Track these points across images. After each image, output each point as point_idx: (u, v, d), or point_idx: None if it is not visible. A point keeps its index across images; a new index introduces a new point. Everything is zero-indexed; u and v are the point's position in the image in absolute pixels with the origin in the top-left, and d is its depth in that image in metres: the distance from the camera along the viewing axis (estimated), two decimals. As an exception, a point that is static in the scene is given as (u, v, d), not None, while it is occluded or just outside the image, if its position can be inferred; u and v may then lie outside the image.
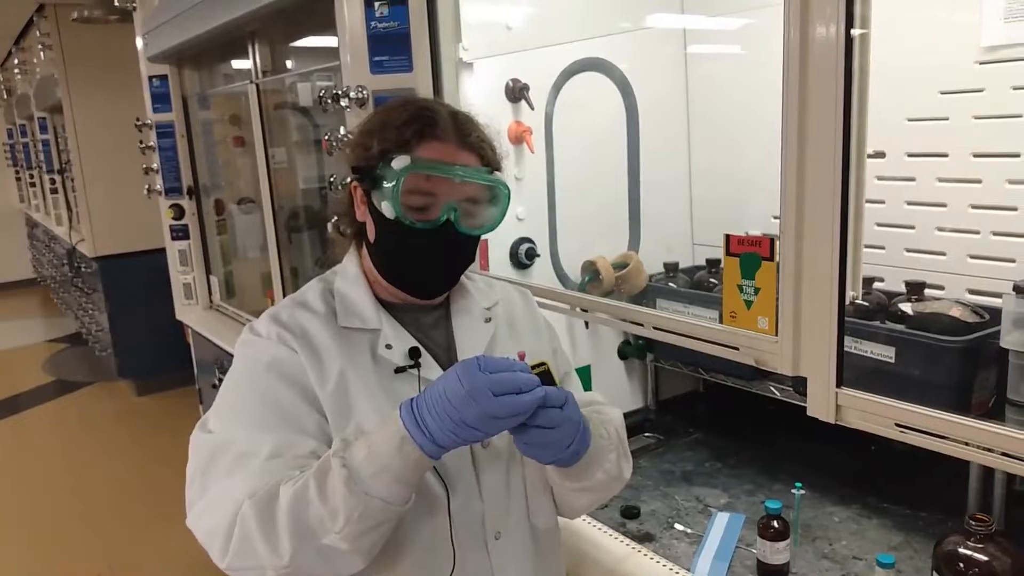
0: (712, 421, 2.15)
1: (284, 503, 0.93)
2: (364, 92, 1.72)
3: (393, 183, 1.05)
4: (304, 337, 1.08)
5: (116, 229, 5.16)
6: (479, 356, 0.92)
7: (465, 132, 1.11)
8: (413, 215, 1.07)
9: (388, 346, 1.10)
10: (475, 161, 1.11)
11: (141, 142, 3.39)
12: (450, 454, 0.96)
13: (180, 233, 3.45)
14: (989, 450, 0.93)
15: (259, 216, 3.09)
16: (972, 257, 1.62)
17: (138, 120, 3.37)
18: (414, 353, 1.10)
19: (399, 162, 1.05)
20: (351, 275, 1.17)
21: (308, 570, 0.96)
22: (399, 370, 1.09)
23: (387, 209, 1.07)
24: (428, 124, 1.09)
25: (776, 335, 1.14)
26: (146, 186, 3.43)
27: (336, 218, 1.25)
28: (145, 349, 5.27)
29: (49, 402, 5.63)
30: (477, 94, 1.85)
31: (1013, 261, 1.55)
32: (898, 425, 1.01)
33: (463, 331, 1.18)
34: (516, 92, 1.89)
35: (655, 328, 1.39)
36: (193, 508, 1.02)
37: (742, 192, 2.02)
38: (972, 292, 1.62)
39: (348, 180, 1.16)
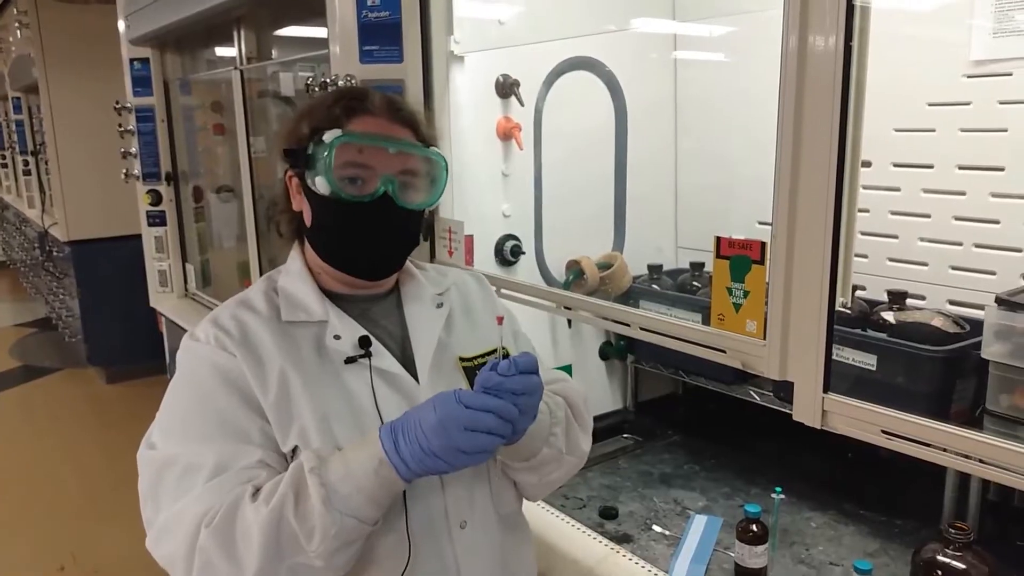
0: (690, 424, 2.16)
1: (254, 523, 0.90)
2: (353, 82, 1.69)
3: (325, 154, 1.03)
4: (244, 339, 1.05)
5: (90, 213, 5.07)
6: (458, 390, 0.91)
7: (396, 107, 1.11)
8: (349, 189, 1.05)
9: (336, 336, 1.07)
10: (409, 135, 1.10)
11: (120, 125, 3.33)
12: None
13: (157, 219, 3.40)
14: (984, 462, 0.93)
15: (237, 205, 3.05)
16: (954, 268, 1.64)
17: (117, 103, 3.31)
18: (364, 342, 1.07)
19: (330, 135, 1.04)
20: (294, 270, 1.13)
21: None
22: (349, 360, 1.06)
23: (321, 185, 1.04)
24: (357, 99, 1.08)
25: (764, 339, 1.14)
26: (124, 170, 3.37)
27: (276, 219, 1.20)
28: (116, 336, 5.19)
29: (15, 387, 5.52)
30: (467, 88, 1.84)
31: (994, 274, 1.57)
32: (884, 432, 1.01)
33: (415, 318, 1.15)
34: (506, 88, 1.88)
35: (642, 328, 1.38)
36: (151, 528, 0.99)
37: (727, 197, 2.03)
38: (952, 303, 1.63)
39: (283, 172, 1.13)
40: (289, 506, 0.90)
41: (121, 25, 3.27)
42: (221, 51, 3.12)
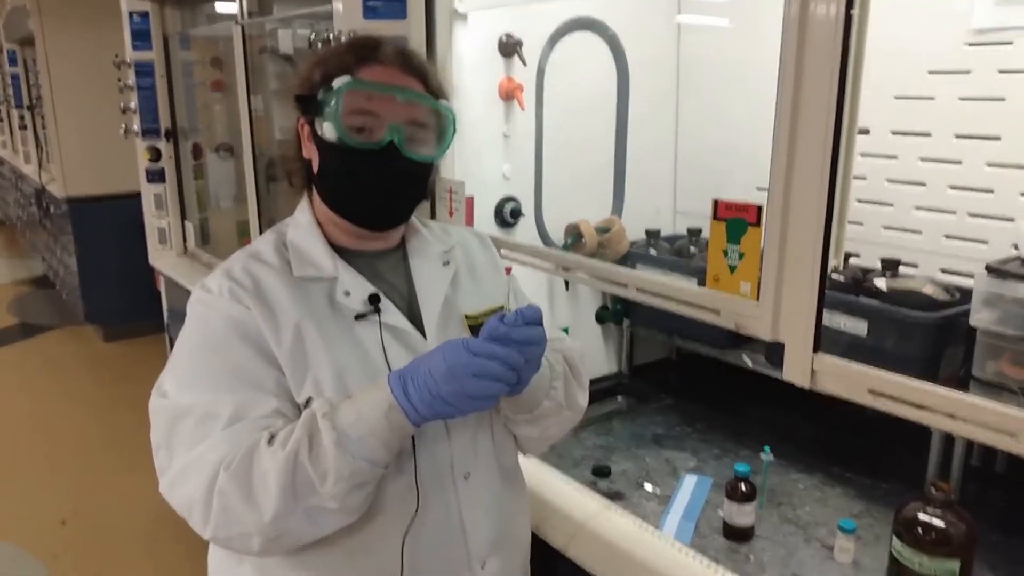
0: (683, 388, 2.19)
1: (271, 467, 0.93)
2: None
3: (334, 101, 1.05)
4: (257, 291, 1.06)
5: (88, 170, 5.04)
6: (466, 338, 0.94)
7: (407, 57, 1.12)
8: (355, 136, 1.06)
9: (346, 293, 1.09)
10: (419, 87, 1.11)
11: (119, 80, 3.31)
12: None
13: (156, 176, 3.39)
14: (959, 418, 0.96)
15: (235, 164, 3.05)
16: (947, 237, 1.66)
17: (116, 57, 3.28)
18: (373, 299, 1.09)
19: (339, 81, 1.05)
20: (303, 224, 1.14)
21: (294, 532, 0.97)
22: (359, 317, 1.08)
23: (328, 130, 1.06)
24: (370, 48, 1.10)
25: (757, 300, 1.16)
26: (123, 125, 3.36)
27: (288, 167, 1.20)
28: (114, 294, 5.20)
29: (13, 344, 5.54)
30: (470, 46, 1.83)
31: (986, 243, 1.59)
32: (871, 391, 1.03)
33: (422, 275, 1.17)
34: (509, 47, 1.87)
35: (638, 289, 1.40)
36: (164, 476, 1.01)
37: (726, 162, 2.03)
38: (945, 271, 1.66)
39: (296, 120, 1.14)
40: (304, 450, 0.93)
41: (120, -23, 3.23)
42: (221, 6, 3.09)
